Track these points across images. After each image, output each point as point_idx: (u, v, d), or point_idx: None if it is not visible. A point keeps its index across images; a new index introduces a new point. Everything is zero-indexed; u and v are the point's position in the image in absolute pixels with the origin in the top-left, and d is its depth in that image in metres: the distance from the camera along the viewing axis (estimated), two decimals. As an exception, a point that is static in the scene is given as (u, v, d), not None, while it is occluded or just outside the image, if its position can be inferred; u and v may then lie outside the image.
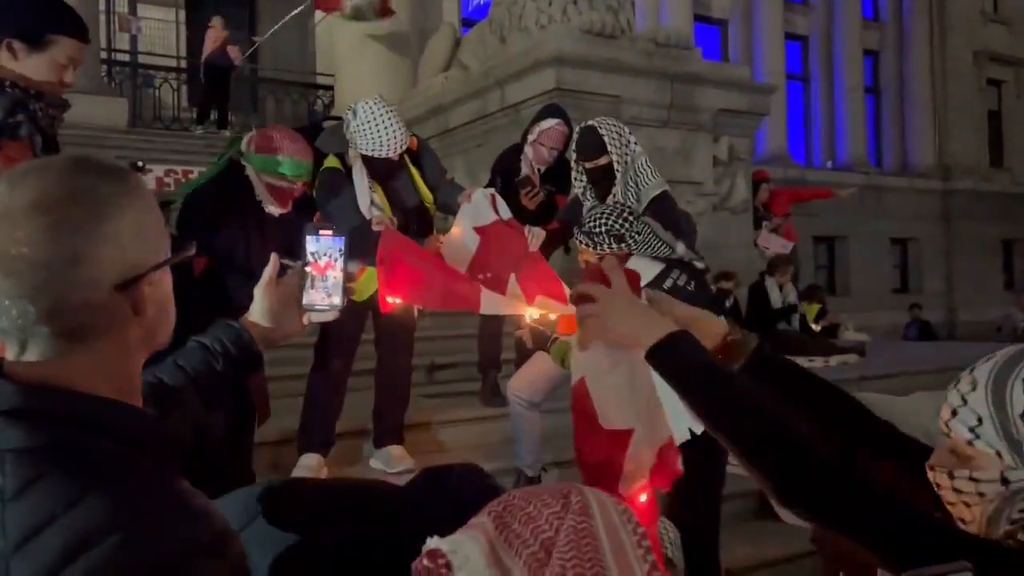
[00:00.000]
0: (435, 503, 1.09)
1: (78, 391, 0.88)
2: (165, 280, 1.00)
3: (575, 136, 3.50)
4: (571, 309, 3.34)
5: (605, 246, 2.81)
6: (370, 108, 3.48)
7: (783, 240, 8.12)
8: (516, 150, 4.51)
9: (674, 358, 1.15)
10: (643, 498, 1.55)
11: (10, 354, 0.90)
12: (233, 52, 11.79)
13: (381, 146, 3.47)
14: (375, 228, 3.26)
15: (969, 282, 18.51)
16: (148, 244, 0.95)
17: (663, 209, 3.16)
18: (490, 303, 3.31)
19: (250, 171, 3.14)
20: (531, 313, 3.21)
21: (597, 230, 2.82)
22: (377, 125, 3.45)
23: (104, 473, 0.83)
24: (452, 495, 1.11)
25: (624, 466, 1.47)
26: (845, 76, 18.79)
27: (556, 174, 4.39)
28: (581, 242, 2.90)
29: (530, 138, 4.40)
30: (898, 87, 19.93)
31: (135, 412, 0.94)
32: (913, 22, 19.82)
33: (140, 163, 2.36)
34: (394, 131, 3.46)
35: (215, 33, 11.78)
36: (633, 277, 1.31)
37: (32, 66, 2.13)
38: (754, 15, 17.89)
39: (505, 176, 4.40)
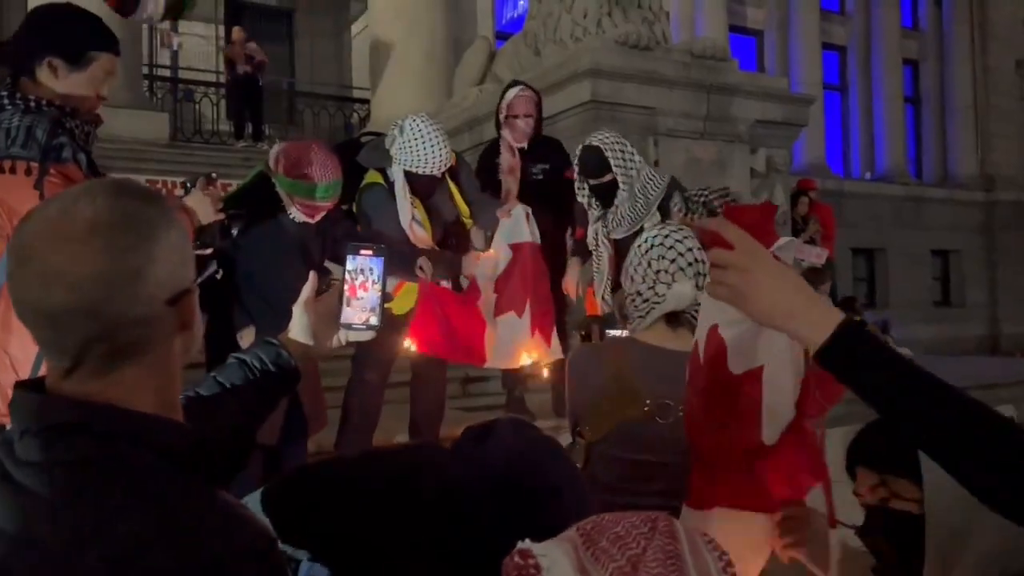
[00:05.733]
0: (485, 457, 1.04)
1: (122, 407, 0.92)
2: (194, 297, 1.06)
3: (578, 153, 3.61)
4: (556, 355, 3.87)
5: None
6: (417, 126, 3.50)
7: (817, 249, 8.00)
8: (493, 146, 4.42)
9: (855, 358, 1.00)
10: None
11: (60, 370, 0.93)
12: (252, 50, 11.81)
13: (427, 163, 3.50)
14: (419, 275, 3.36)
15: (1013, 294, 18.08)
16: (186, 262, 1.00)
17: (680, 185, 3.62)
18: (496, 357, 3.78)
19: (279, 188, 3.01)
20: (524, 362, 3.85)
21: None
22: (424, 143, 3.47)
23: (146, 485, 0.86)
24: (501, 446, 1.04)
25: (764, 401, 1.38)
26: (884, 85, 18.51)
27: (545, 151, 4.30)
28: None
29: (501, 118, 4.30)
30: (938, 96, 19.59)
31: (176, 426, 0.97)
32: (954, 30, 19.47)
33: (213, 175, 2.39)
34: (440, 149, 3.48)
35: (235, 48, 11.93)
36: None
37: (72, 83, 2.14)
38: (790, 25, 17.72)
39: (488, 173, 4.31)
